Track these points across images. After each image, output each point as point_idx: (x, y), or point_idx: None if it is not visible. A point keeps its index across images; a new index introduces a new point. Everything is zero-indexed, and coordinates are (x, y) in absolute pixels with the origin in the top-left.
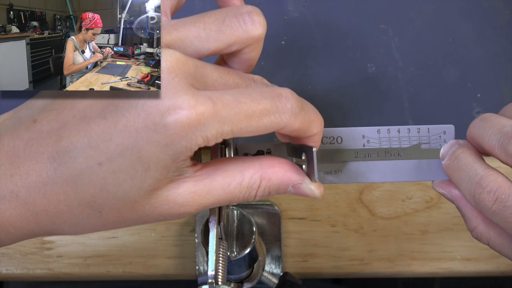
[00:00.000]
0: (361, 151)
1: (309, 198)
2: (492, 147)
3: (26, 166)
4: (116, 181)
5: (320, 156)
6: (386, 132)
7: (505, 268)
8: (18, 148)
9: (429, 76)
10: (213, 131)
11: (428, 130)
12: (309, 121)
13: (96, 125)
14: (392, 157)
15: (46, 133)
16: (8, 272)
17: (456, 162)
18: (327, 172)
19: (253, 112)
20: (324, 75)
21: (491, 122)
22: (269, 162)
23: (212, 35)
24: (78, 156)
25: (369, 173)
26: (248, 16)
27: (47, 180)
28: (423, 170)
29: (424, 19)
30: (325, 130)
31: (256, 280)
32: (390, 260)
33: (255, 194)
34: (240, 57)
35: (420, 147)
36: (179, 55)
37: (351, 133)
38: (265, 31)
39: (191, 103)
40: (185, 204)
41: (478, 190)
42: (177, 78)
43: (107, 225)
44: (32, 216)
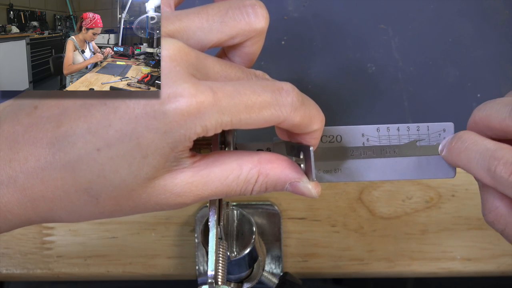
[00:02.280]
0: (357, 149)
1: (307, 197)
2: (502, 119)
3: (25, 152)
4: (113, 168)
5: (318, 155)
6: (386, 130)
7: (505, 268)
8: (17, 134)
9: (429, 76)
10: (213, 120)
11: (428, 128)
12: (310, 116)
13: (96, 110)
14: (387, 154)
15: (46, 118)
16: (8, 272)
17: (461, 143)
18: (326, 171)
19: (253, 104)
20: (324, 75)
21: (497, 101)
22: (268, 157)
23: (215, 26)
24: (77, 141)
25: (368, 171)
26: (251, 8)
27: (46, 165)
28: (423, 168)
29: (424, 19)
30: (324, 129)
31: (256, 280)
32: (390, 260)
33: (252, 189)
34: (241, 50)
35: (415, 144)
36: (181, 45)
37: (350, 132)
38: (268, 24)
39: (192, 91)
40: (181, 194)
41: (493, 162)
42: (179, 67)
43: (104, 212)
44: (30, 202)
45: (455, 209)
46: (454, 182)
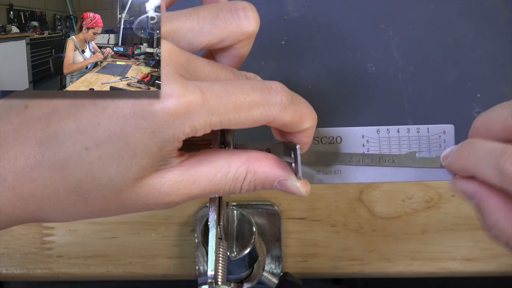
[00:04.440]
0: (356, 155)
1: (296, 196)
2: (504, 118)
3: (14, 151)
4: (102, 167)
5: (316, 158)
6: (386, 132)
7: (506, 268)
8: (8, 133)
9: (429, 76)
10: (201, 120)
11: (428, 130)
12: (300, 114)
13: (85, 110)
14: (386, 163)
15: (36, 118)
16: (8, 272)
17: (469, 146)
18: (326, 172)
19: (242, 103)
20: (324, 75)
21: (496, 106)
22: (256, 156)
23: (205, 28)
24: (66, 140)
25: (368, 173)
26: (242, 11)
27: (35, 164)
28: (423, 170)
29: (424, 19)
30: (324, 130)
31: (256, 280)
32: (390, 260)
33: (241, 187)
34: (230, 52)
35: (414, 155)
36: (171, 46)
37: (350, 133)
38: (258, 27)
39: (180, 91)
40: (170, 193)
41: (502, 159)
42: (168, 67)
43: (93, 212)
44: (19, 201)
45: (455, 209)
46: None
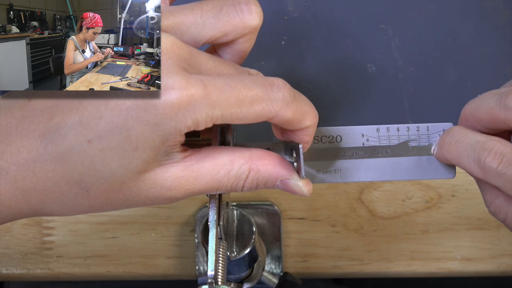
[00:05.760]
0: (349, 149)
1: (298, 195)
2: (490, 108)
3: (17, 143)
4: (104, 160)
5: (311, 155)
6: (386, 130)
7: (505, 268)
8: (10, 126)
9: (429, 76)
10: (203, 114)
11: (428, 129)
12: (302, 112)
13: (88, 103)
14: (379, 155)
15: (39, 111)
16: (8, 272)
17: (451, 137)
18: (326, 171)
19: (244, 98)
20: (324, 75)
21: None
22: (259, 154)
23: (209, 22)
24: (68, 133)
25: (368, 171)
26: (245, 5)
27: (37, 157)
28: (423, 168)
29: (424, 19)
30: (324, 129)
31: (256, 280)
32: (390, 260)
33: (243, 185)
34: (233, 47)
35: (407, 145)
36: (175, 39)
37: (350, 132)
38: (262, 21)
39: (182, 84)
40: (172, 188)
41: (483, 153)
42: (171, 60)
43: (94, 205)
44: (21, 194)
45: (455, 209)
46: (454, 182)
